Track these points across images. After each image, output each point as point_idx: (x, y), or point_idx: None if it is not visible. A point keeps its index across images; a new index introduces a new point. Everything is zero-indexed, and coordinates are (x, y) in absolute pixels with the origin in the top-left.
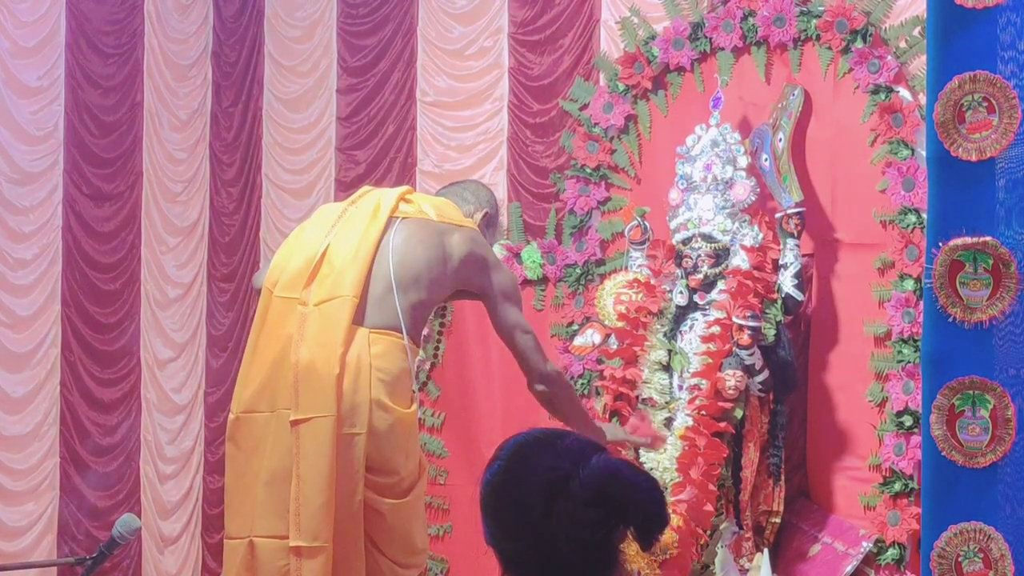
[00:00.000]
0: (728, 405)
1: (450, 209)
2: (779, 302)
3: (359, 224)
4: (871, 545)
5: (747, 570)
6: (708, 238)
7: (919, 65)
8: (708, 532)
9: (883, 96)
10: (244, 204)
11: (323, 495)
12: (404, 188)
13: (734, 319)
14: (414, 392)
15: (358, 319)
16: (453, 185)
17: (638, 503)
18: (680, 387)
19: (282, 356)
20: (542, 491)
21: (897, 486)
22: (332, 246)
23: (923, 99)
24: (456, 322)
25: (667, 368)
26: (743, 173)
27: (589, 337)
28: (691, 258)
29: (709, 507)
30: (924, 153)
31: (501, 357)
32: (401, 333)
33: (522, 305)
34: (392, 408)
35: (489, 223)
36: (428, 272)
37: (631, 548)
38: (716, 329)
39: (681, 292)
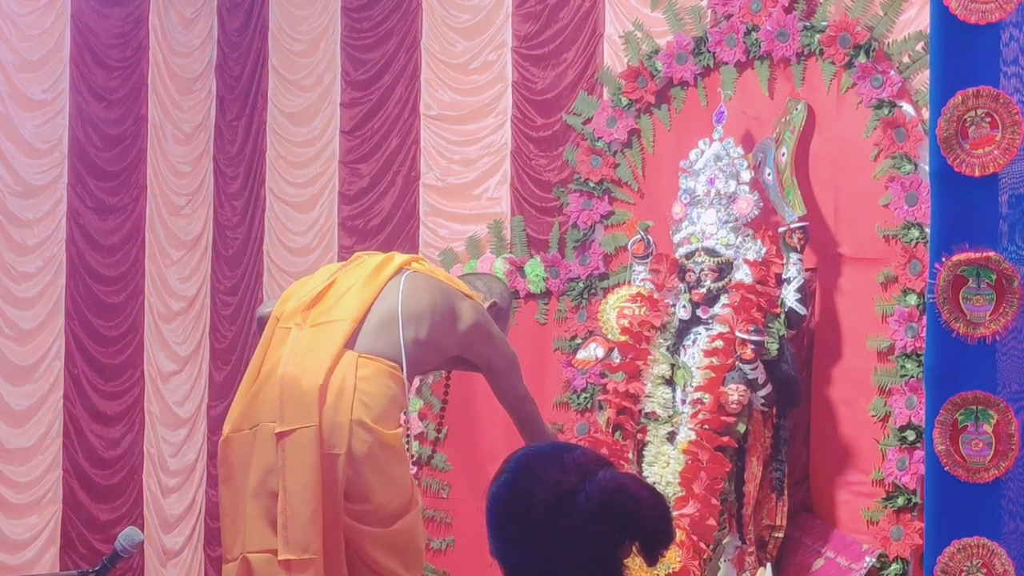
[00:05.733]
0: (731, 419)
1: (459, 282)
2: (782, 316)
3: (369, 265)
4: (874, 560)
5: None
6: (711, 252)
7: (922, 80)
8: (711, 546)
9: (886, 111)
10: (248, 217)
11: (309, 507)
12: (414, 255)
13: (737, 333)
14: (403, 423)
15: (350, 343)
16: (468, 274)
17: (644, 518)
18: (683, 401)
19: (271, 373)
20: (549, 504)
21: (900, 501)
22: (339, 279)
23: (926, 114)
24: None
25: (670, 382)
26: (746, 187)
27: (592, 351)
28: (694, 272)
29: (712, 521)
30: (927, 168)
31: None
32: (394, 363)
33: (521, 375)
34: (373, 429)
35: (497, 314)
36: (432, 315)
37: (634, 563)
38: (719, 343)
39: (684, 306)
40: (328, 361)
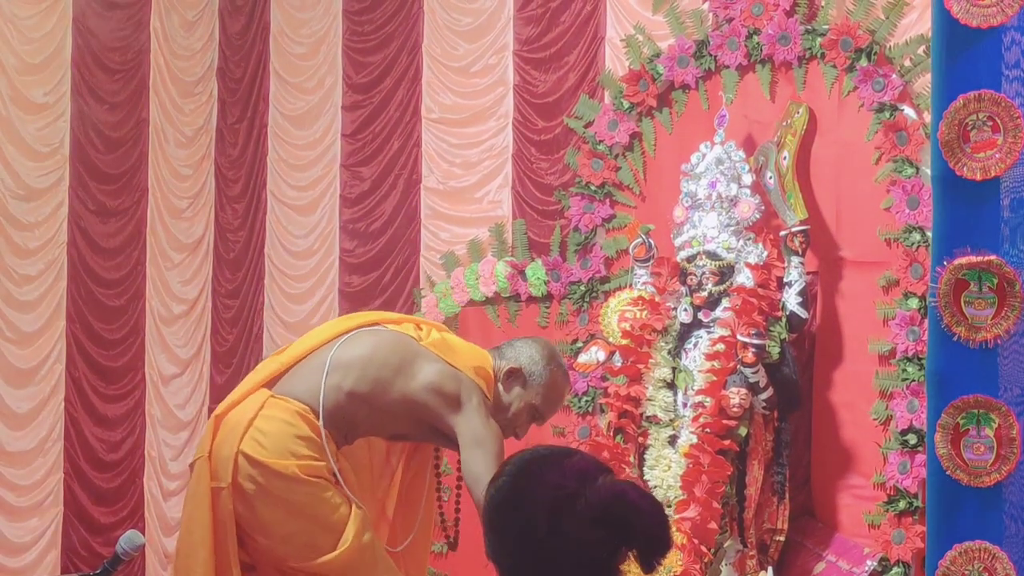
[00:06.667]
0: (732, 423)
1: (461, 354)
2: (783, 320)
3: (352, 321)
4: (875, 564)
5: None
6: (712, 256)
7: (924, 84)
8: (712, 550)
9: (888, 114)
10: (249, 220)
11: (194, 536)
12: (418, 319)
13: (738, 337)
14: (316, 462)
15: (270, 383)
16: (510, 342)
17: (643, 526)
18: (684, 405)
19: None
20: (547, 508)
21: (901, 505)
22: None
23: (928, 117)
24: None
25: (671, 386)
26: (747, 191)
27: (593, 354)
28: (695, 276)
29: (713, 525)
30: (929, 171)
31: None
32: (306, 406)
33: (498, 461)
34: (260, 461)
35: (515, 379)
36: (365, 366)
37: (631, 569)
38: (720, 347)
39: (685, 310)
40: (237, 396)
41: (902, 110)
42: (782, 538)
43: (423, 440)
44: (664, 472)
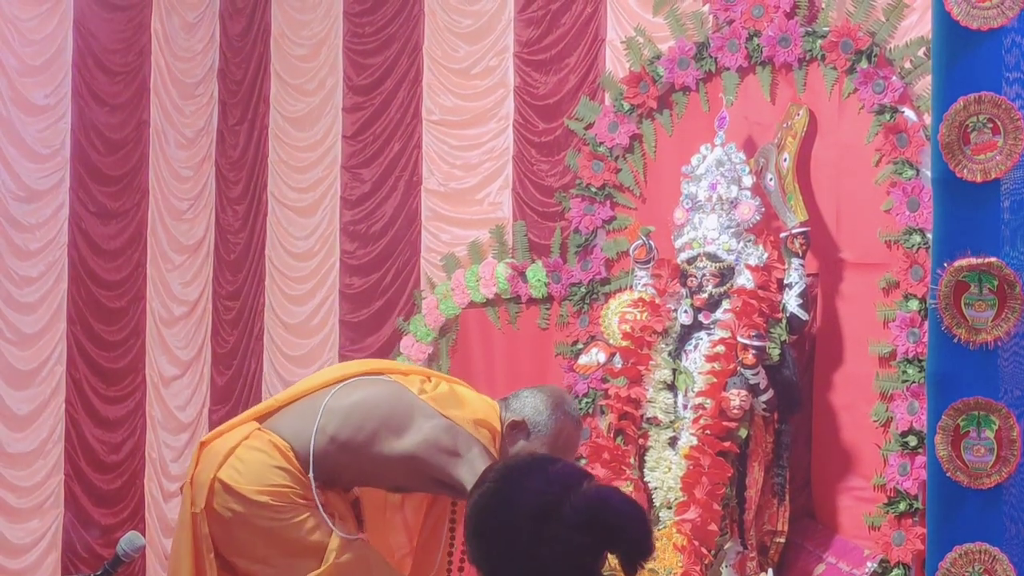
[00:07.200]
0: (732, 425)
1: (465, 407)
2: (784, 322)
3: (361, 367)
4: (876, 565)
5: None
6: (713, 257)
7: (924, 86)
8: (712, 552)
9: (888, 116)
10: (250, 222)
11: (176, 556)
12: (449, 377)
13: (739, 338)
14: (289, 490)
15: (261, 418)
16: (526, 389)
17: (627, 530)
18: (684, 406)
19: None
20: (532, 514)
21: (902, 506)
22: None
23: (928, 119)
24: (460, 342)
25: (672, 387)
26: (748, 193)
27: (594, 356)
28: (696, 277)
29: (713, 527)
30: (929, 173)
31: (506, 377)
32: (287, 444)
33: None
34: (234, 488)
35: (518, 432)
36: (350, 415)
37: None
38: (721, 348)
39: (686, 311)
40: (226, 427)
41: (902, 112)
42: (782, 540)
43: (428, 492)
44: (664, 474)
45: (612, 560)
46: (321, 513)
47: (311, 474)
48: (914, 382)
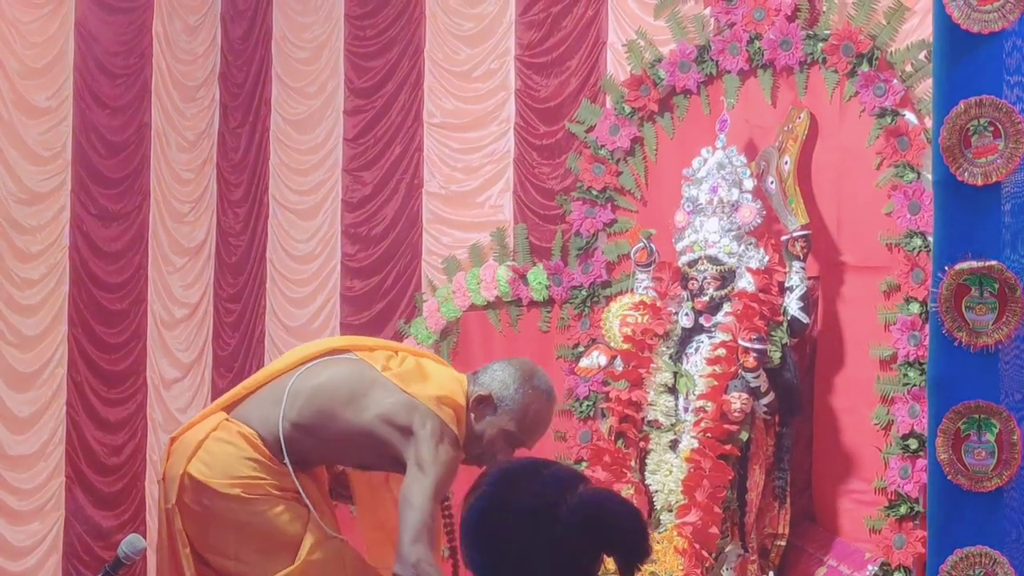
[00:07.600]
0: (734, 427)
1: (430, 382)
2: (785, 325)
3: (320, 346)
4: (876, 568)
5: None
6: (714, 260)
7: (925, 89)
8: (713, 555)
9: (889, 119)
10: (251, 224)
11: (159, 553)
12: (418, 349)
13: (740, 341)
14: (260, 481)
15: (229, 407)
16: (496, 362)
17: (624, 532)
18: (686, 409)
19: None
20: (528, 518)
21: (902, 509)
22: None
23: (929, 123)
24: (461, 345)
25: (673, 390)
26: (749, 196)
27: (595, 359)
28: (697, 280)
29: (714, 530)
30: (930, 177)
31: None
32: (254, 431)
33: (440, 489)
34: (205, 485)
35: (484, 406)
36: (316, 397)
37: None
38: (722, 351)
39: (687, 314)
40: (196, 419)
41: (903, 115)
42: (783, 542)
43: (392, 471)
44: (665, 476)
45: (609, 563)
46: (304, 500)
47: (286, 460)
48: (915, 385)
